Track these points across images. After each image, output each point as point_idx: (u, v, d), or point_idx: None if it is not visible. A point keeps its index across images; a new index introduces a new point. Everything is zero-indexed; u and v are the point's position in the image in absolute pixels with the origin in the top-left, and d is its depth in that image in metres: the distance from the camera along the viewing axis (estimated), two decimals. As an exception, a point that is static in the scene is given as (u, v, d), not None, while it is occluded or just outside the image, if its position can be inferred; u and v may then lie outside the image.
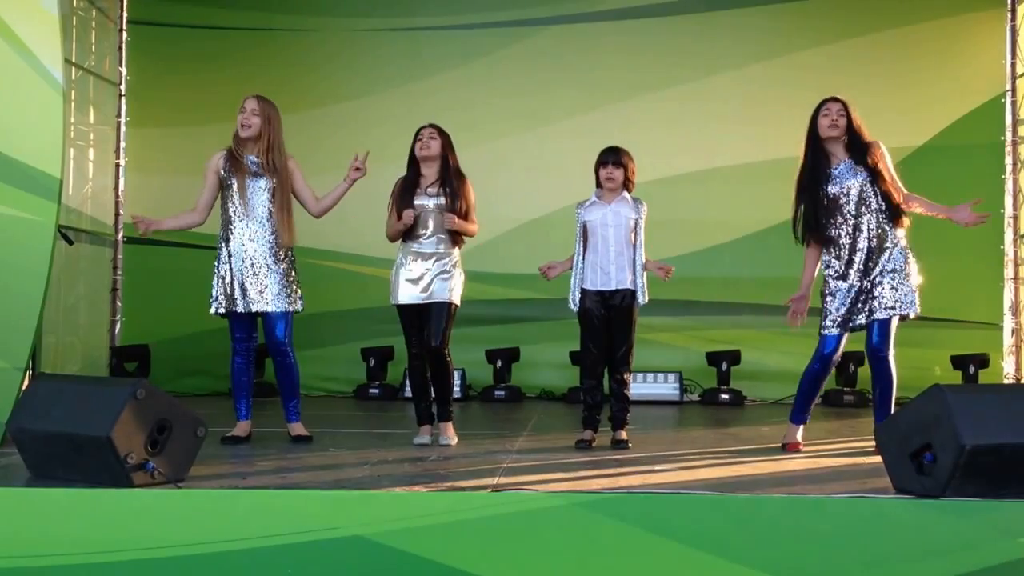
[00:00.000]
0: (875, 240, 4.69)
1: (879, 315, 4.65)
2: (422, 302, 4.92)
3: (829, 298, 4.76)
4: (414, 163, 5.00)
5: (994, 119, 7.33)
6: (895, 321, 4.68)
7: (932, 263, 7.29)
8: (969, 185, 7.38)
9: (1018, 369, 7.14)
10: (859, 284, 4.70)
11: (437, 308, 4.91)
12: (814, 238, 4.78)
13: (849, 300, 4.71)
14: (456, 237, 4.96)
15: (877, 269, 4.68)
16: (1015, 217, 7.24)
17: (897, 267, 4.67)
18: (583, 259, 5.00)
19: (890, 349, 4.69)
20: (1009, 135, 7.29)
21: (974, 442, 3.45)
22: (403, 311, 4.99)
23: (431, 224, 4.93)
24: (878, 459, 4.07)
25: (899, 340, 4.73)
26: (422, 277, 4.93)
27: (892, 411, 4.68)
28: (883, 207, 4.70)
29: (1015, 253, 7.24)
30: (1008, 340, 7.23)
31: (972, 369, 7.00)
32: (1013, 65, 7.27)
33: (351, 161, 4.96)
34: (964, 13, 7.47)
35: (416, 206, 4.91)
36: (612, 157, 4.99)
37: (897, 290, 4.64)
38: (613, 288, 4.94)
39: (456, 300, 4.97)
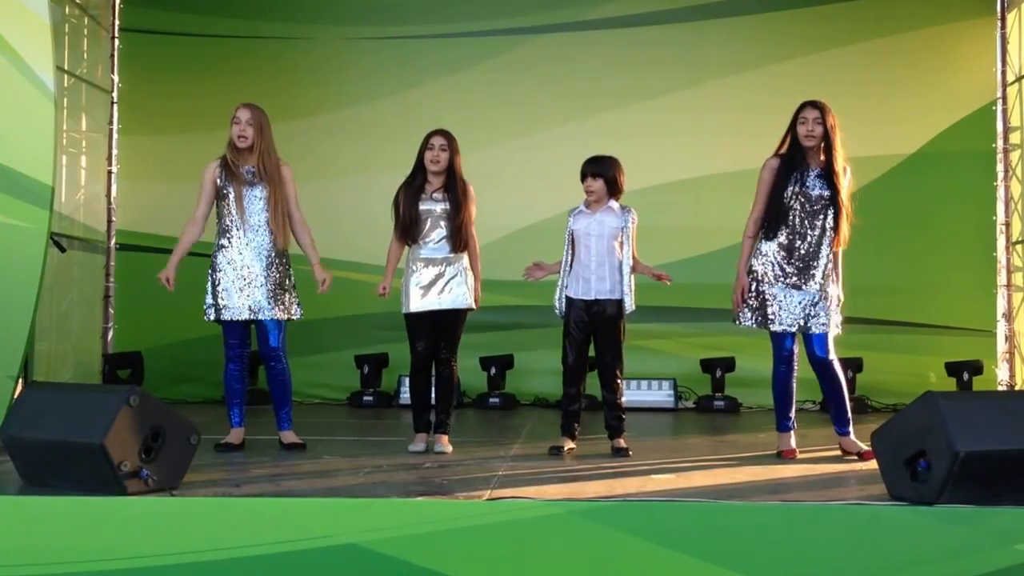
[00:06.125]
0: (823, 252, 4.79)
1: (819, 330, 4.76)
2: (437, 308, 4.92)
3: (769, 297, 4.81)
4: (421, 168, 4.98)
5: (985, 127, 7.36)
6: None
7: (927, 271, 7.42)
8: (960, 193, 7.45)
9: (1012, 376, 7.16)
10: (798, 289, 4.77)
11: (453, 316, 4.94)
12: (768, 232, 4.83)
13: (792, 301, 4.78)
14: (462, 241, 4.95)
15: (817, 280, 4.77)
16: (1007, 224, 7.27)
17: (833, 285, 4.81)
18: (569, 267, 5.01)
19: (834, 354, 4.83)
20: (1000, 142, 7.31)
21: (968, 449, 3.45)
22: (414, 319, 4.97)
23: (439, 229, 4.93)
24: (873, 466, 4.08)
25: (894, 347, 4.75)
26: (435, 282, 4.93)
27: (849, 411, 4.85)
28: (832, 227, 4.79)
29: (1008, 260, 7.27)
30: (1002, 347, 7.26)
31: (966, 376, 7.01)
32: (1003, 73, 7.30)
33: (322, 281, 5.07)
34: (954, 21, 7.51)
35: (423, 211, 4.93)
36: (590, 169, 4.96)
37: (834, 312, 4.79)
38: (593, 298, 4.94)
39: (474, 303, 4.99)
